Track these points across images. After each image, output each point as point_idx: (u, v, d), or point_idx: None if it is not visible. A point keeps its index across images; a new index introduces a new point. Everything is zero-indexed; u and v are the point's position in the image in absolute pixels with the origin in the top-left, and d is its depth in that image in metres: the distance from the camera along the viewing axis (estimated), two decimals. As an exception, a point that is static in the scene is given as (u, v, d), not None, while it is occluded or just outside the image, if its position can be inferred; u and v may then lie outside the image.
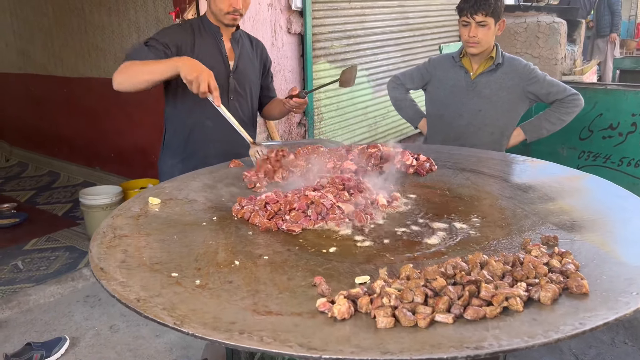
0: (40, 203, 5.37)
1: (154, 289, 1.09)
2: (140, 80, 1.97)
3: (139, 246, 1.33)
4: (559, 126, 2.58)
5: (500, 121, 2.60)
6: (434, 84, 2.73)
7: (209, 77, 1.84)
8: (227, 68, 2.24)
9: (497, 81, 2.55)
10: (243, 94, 2.31)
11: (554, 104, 2.56)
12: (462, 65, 2.63)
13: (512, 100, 2.56)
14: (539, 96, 2.56)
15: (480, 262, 1.12)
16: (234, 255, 1.30)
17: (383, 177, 1.78)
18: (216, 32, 2.23)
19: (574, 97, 2.53)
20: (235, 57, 2.28)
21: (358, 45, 4.98)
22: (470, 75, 2.60)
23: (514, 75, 2.55)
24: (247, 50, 2.35)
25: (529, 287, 1.03)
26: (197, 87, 1.84)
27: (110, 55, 5.12)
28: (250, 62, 2.35)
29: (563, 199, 1.61)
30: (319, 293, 1.10)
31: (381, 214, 1.54)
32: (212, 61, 2.14)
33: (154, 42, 2.08)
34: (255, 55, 2.40)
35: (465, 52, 2.62)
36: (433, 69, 2.74)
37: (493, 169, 1.96)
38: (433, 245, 1.35)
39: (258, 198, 1.62)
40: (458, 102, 2.62)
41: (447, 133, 2.68)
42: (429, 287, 1.02)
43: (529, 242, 1.31)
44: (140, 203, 1.63)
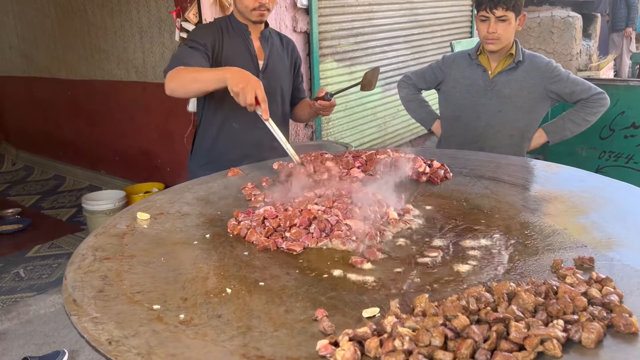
0: (45, 208, 5.29)
1: (131, 327, 0.95)
2: (190, 89, 1.94)
3: (121, 271, 1.19)
4: (583, 127, 2.42)
5: (521, 122, 2.44)
6: (448, 84, 2.56)
7: (256, 88, 1.71)
8: (256, 67, 2.15)
9: (518, 80, 2.39)
10: (273, 95, 2.19)
11: (578, 104, 2.39)
12: (480, 63, 2.46)
13: (534, 100, 2.40)
14: (562, 95, 2.39)
15: (508, 293, 0.97)
16: (227, 281, 1.15)
17: (393, 186, 1.63)
18: (244, 30, 2.16)
19: (600, 97, 2.36)
20: (265, 56, 2.19)
21: (366, 43, 4.83)
22: (489, 74, 2.43)
23: (536, 74, 2.38)
24: (277, 49, 2.25)
25: (567, 325, 0.87)
26: (243, 100, 1.72)
27: (113, 57, 5.01)
28: (280, 60, 2.25)
29: (595, 212, 1.45)
30: (320, 330, 0.95)
31: (392, 230, 1.39)
32: (241, 61, 2.08)
33: (195, 43, 2.03)
34: (285, 53, 2.30)
35: (482, 49, 2.45)
36: (447, 68, 2.57)
37: (514, 177, 1.80)
38: (452, 270, 1.20)
39: (256, 212, 1.48)
40: (476, 102, 2.45)
41: (463, 136, 2.51)
42: (449, 327, 0.87)
43: (561, 264, 1.15)
44: (128, 219, 1.50)
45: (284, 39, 2.33)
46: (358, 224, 1.34)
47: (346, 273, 1.19)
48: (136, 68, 4.80)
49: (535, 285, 1.03)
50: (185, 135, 4.22)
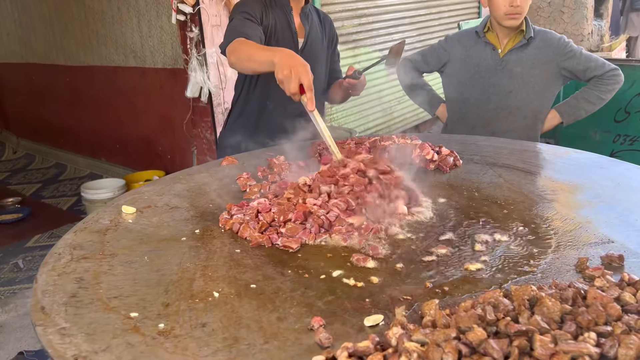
0: (46, 196, 5.22)
1: (102, 340, 0.84)
2: (245, 67, 1.79)
3: (99, 272, 1.08)
4: (598, 106, 2.30)
5: (534, 103, 2.30)
6: (454, 65, 2.42)
7: (301, 74, 1.51)
8: (295, 46, 2.03)
9: (529, 58, 2.26)
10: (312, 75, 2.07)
11: (592, 81, 2.27)
12: (488, 41, 2.32)
13: (546, 79, 2.27)
14: (575, 73, 2.27)
15: (529, 299, 0.85)
16: (214, 283, 1.04)
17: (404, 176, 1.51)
18: (286, 5, 2.03)
19: (614, 73, 2.24)
20: (305, 34, 2.06)
21: (371, 25, 4.67)
22: (499, 52, 2.30)
23: (548, 51, 2.25)
24: (316, 26, 2.13)
25: (600, 338, 0.76)
26: (287, 89, 1.53)
27: (111, 42, 4.88)
28: (318, 39, 2.13)
29: (620, 202, 1.32)
30: (316, 342, 0.84)
31: (399, 224, 1.27)
32: (281, 38, 1.97)
33: (247, 14, 1.91)
34: (323, 31, 2.17)
35: (490, 27, 2.31)
36: (452, 48, 2.42)
37: (529, 164, 1.67)
38: (464, 268, 1.08)
39: (250, 205, 1.36)
40: (485, 83, 2.32)
41: (472, 119, 2.37)
42: (463, 341, 0.75)
43: (586, 263, 1.03)
44: (112, 213, 1.39)
45: (322, 15, 2.20)
46: (360, 219, 1.23)
47: (347, 273, 1.08)
48: (134, 53, 4.67)
49: (559, 289, 0.91)
50: (185, 122, 4.10)
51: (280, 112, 2.03)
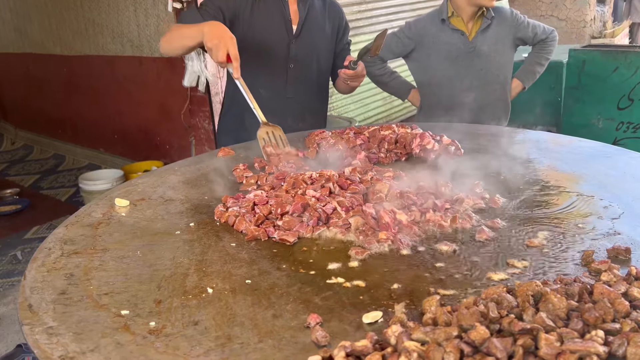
0: (44, 188, 5.19)
1: (91, 339, 0.81)
2: (176, 45, 1.83)
3: (90, 268, 1.05)
4: (545, 65, 2.59)
5: (501, 76, 2.49)
6: (421, 51, 2.46)
7: (230, 45, 1.62)
8: (288, 33, 1.97)
9: (493, 36, 2.41)
10: (307, 63, 2.03)
11: (538, 45, 2.54)
12: (455, 27, 2.39)
13: (507, 51, 2.48)
14: (525, 40, 2.51)
15: (534, 294, 0.82)
16: (209, 278, 1.01)
17: (398, 167, 1.47)
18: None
19: (554, 34, 2.53)
20: (299, 21, 1.99)
21: (370, 12, 4.60)
22: (467, 37, 2.40)
23: (505, 26, 2.43)
24: (316, 13, 2.04)
25: (608, 335, 0.73)
26: (215, 57, 1.63)
27: (107, 31, 4.82)
28: (318, 26, 2.05)
29: (627, 192, 1.29)
30: (312, 341, 0.81)
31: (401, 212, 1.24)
32: (272, 25, 1.94)
33: (207, 5, 1.89)
34: (326, 18, 2.08)
35: (454, 12, 2.38)
36: (417, 35, 2.45)
37: (531, 153, 1.63)
38: (465, 260, 1.05)
39: (246, 197, 1.33)
40: (458, 66, 2.41)
41: (447, 100, 2.42)
42: (465, 340, 0.72)
43: (592, 256, 1.00)
44: (105, 206, 1.35)
45: (327, 2, 2.11)
46: (359, 220, 1.19)
47: (345, 267, 1.05)
48: (131, 42, 4.61)
49: (564, 284, 0.88)
50: (182, 112, 4.06)
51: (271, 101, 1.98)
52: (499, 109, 2.49)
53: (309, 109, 2.12)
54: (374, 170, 1.45)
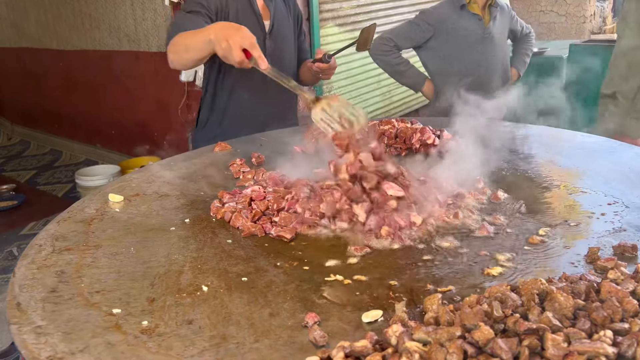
0: (41, 183, 5.16)
1: (81, 339, 0.79)
2: (185, 59, 1.68)
3: (82, 265, 1.02)
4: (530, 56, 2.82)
5: (506, 61, 2.65)
6: (440, 38, 2.48)
7: (242, 39, 1.42)
8: (262, 29, 1.92)
9: (499, 24, 2.55)
10: (281, 58, 1.98)
11: (523, 38, 2.78)
12: (473, 12, 2.47)
13: (506, 40, 2.67)
14: (515, 33, 2.73)
15: (539, 293, 0.79)
16: (204, 276, 0.98)
17: (397, 163, 1.44)
18: None
19: (531, 29, 2.79)
20: (270, 16, 1.96)
21: (369, 7, 4.55)
22: (484, 22, 2.49)
23: (505, 16, 2.59)
24: (280, 6, 2.02)
25: (617, 336, 0.70)
26: (232, 59, 1.44)
27: (104, 25, 4.77)
28: (285, 19, 2.03)
29: (631, 188, 1.26)
30: (310, 341, 0.78)
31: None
32: (246, 22, 1.80)
33: (194, 6, 1.78)
34: (288, 10, 2.07)
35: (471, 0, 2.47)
36: (437, 22, 2.47)
37: (533, 148, 1.61)
38: (460, 252, 1.02)
39: (243, 193, 1.30)
40: (475, 53, 2.48)
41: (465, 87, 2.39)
42: (469, 340, 0.69)
43: (598, 253, 0.97)
44: (98, 201, 1.32)
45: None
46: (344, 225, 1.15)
47: (343, 264, 1.02)
48: (128, 36, 4.57)
49: (570, 282, 0.85)
50: (179, 107, 4.02)
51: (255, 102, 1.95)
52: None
53: (289, 106, 2.09)
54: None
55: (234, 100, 1.97)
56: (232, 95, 1.97)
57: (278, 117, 1.98)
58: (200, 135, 2.10)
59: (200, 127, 2.10)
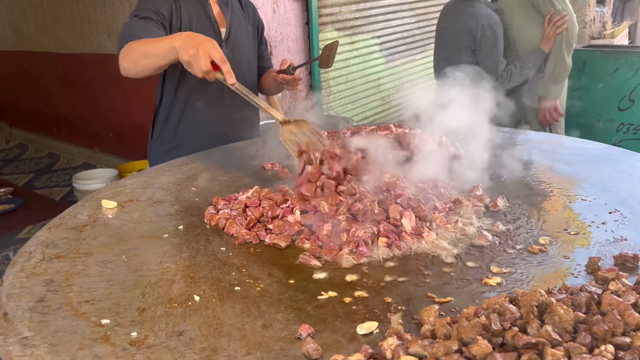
0: (39, 187, 5.13)
1: (67, 351, 0.76)
2: (141, 67, 1.62)
3: (72, 273, 1.00)
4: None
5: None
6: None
7: (210, 50, 1.39)
8: (218, 37, 1.89)
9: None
10: (239, 66, 1.93)
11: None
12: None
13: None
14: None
15: (538, 305, 0.77)
16: (196, 285, 0.96)
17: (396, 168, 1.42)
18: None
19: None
20: (227, 23, 1.93)
21: (369, 11, 4.55)
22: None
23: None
24: (238, 14, 1.99)
25: (618, 350, 0.68)
26: (198, 68, 1.40)
27: (103, 29, 4.76)
28: (243, 27, 2.00)
29: (632, 196, 1.24)
30: (303, 353, 0.76)
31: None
32: (200, 30, 1.79)
33: (145, 12, 1.72)
34: (247, 18, 2.04)
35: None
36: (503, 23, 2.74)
37: (532, 154, 1.59)
38: (463, 266, 1.00)
39: (238, 199, 1.28)
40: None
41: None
42: (466, 355, 0.67)
43: (598, 263, 0.95)
44: (91, 208, 1.30)
45: (243, 2, 2.05)
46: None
47: (339, 274, 1.00)
48: (127, 40, 4.55)
49: (570, 293, 0.83)
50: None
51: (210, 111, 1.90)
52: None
53: (246, 115, 2.03)
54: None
55: (189, 111, 1.92)
56: (186, 106, 1.92)
57: (235, 128, 1.94)
58: (154, 147, 2.03)
59: (155, 139, 2.02)
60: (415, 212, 1.15)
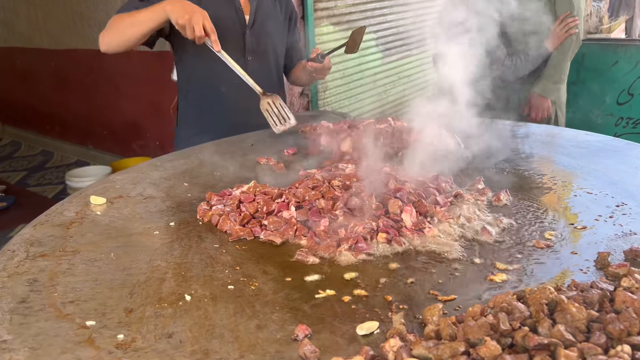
0: (32, 185, 5.07)
1: (49, 355, 0.72)
2: (127, 35, 1.67)
3: (57, 272, 0.95)
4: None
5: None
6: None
7: (204, 18, 1.59)
8: (242, 24, 1.87)
9: None
10: (264, 54, 1.93)
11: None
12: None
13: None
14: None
15: (548, 303, 0.73)
16: (187, 284, 0.92)
17: (394, 162, 1.38)
18: None
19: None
20: (251, 10, 1.90)
21: (365, 5, 4.49)
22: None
23: None
24: (267, 1, 1.95)
25: (635, 351, 0.64)
26: (191, 32, 1.58)
27: (95, 24, 4.69)
28: (271, 15, 1.96)
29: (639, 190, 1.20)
30: (300, 356, 0.72)
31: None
32: (223, 16, 1.81)
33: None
34: (278, 6, 2.00)
35: None
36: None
37: (535, 148, 1.55)
38: (466, 258, 0.96)
39: (232, 195, 1.23)
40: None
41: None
42: (474, 357, 0.63)
43: (608, 259, 0.91)
44: (79, 204, 1.25)
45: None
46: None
47: (337, 271, 0.96)
48: (120, 35, 4.50)
49: (580, 290, 0.79)
50: (171, 107, 3.94)
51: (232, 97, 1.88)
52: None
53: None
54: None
55: (211, 96, 1.91)
56: (207, 91, 1.91)
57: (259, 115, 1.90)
58: (180, 133, 2.04)
59: (181, 125, 2.04)
60: (416, 206, 1.11)
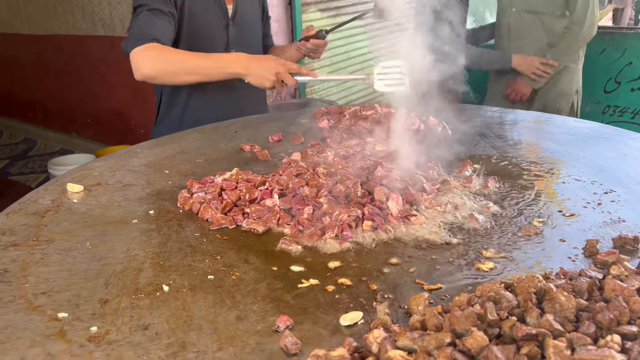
0: (14, 173, 4.98)
1: (16, 349, 0.68)
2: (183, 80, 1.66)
3: (29, 262, 0.91)
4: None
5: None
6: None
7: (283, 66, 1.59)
8: (224, 15, 1.82)
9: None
10: (246, 45, 1.88)
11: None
12: None
13: None
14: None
15: (536, 291, 0.71)
16: (165, 274, 0.88)
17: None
18: None
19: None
20: (234, 1, 1.85)
21: (353, -8, 4.44)
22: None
23: None
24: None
25: (626, 341, 0.62)
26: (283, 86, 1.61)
27: (78, 9, 4.58)
28: (250, 5, 1.92)
29: (629, 175, 1.19)
30: (281, 348, 0.69)
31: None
32: (206, 7, 1.75)
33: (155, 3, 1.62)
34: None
35: None
36: None
37: (523, 134, 1.53)
38: (453, 246, 0.94)
39: (213, 182, 1.20)
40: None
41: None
42: (460, 348, 0.61)
43: (596, 246, 0.90)
44: (55, 192, 1.21)
45: None
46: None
47: (320, 260, 0.93)
48: (103, 21, 4.39)
49: (569, 278, 0.77)
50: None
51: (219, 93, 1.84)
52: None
53: (256, 94, 1.98)
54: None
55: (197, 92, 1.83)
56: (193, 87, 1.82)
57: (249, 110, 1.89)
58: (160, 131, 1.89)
59: (162, 122, 1.92)
60: (402, 194, 1.09)
